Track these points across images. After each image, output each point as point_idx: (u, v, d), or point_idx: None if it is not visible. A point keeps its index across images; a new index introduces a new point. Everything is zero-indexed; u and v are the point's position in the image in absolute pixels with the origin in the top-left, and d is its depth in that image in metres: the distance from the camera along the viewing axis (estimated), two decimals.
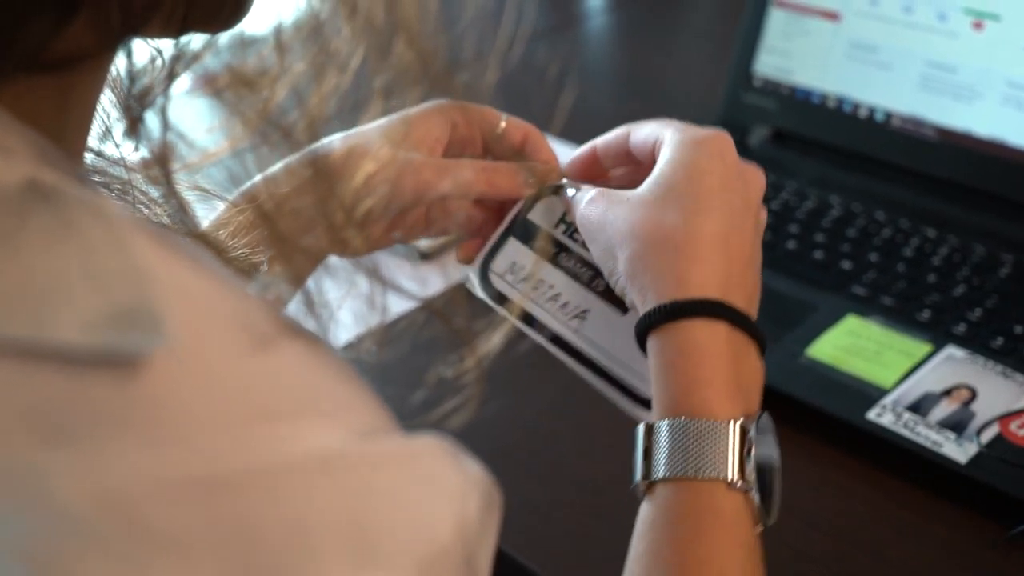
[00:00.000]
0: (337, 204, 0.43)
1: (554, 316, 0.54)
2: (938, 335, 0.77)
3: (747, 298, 0.49)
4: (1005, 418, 0.69)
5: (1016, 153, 0.89)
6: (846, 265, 0.85)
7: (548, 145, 0.59)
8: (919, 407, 0.71)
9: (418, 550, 0.31)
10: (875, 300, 0.81)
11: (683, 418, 0.46)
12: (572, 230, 0.56)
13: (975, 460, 0.67)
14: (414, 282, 0.79)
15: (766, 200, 0.91)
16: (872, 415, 0.70)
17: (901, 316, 0.79)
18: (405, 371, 0.61)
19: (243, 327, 0.32)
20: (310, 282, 0.42)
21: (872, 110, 0.97)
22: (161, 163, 0.40)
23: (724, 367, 0.47)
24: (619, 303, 0.53)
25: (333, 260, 0.56)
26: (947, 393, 0.72)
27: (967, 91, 0.91)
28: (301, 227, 0.46)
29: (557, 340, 0.53)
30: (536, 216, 0.57)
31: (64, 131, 0.37)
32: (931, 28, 0.93)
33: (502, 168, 0.57)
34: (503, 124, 0.59)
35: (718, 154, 0.51)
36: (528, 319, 0.54)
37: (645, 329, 0.48)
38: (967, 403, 0.71)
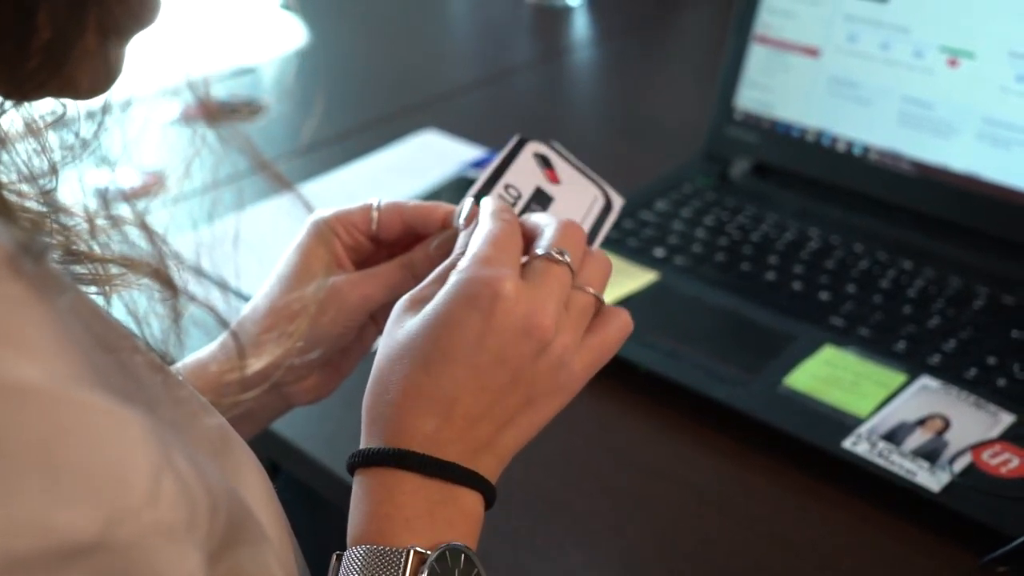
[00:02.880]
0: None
1: None
2: (913, 365, 0.78)
3: (471, 450, 0.50)
4: (978, 447, 0.70)
5: (990, 187, 0.91)
6: (824, 296, 0.87)
7: (425, 205, 0.62)
8: (894, 436, 0.72)
9: (108, 502, 0.32)
10: (852, 331, 0.82)
11: (361, 547, 0.48)
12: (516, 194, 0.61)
13: (948, 489, 0.68)
14: None
15: (748, 231, 0.94)
16: (848, 444, 0.72)
17: (877, 347, 0.81)
18: None
19: None
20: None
21: (851, 144, 0.99)
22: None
23: (406, 508, 0.48)
24: (544, 199, 0.61)
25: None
26: (921, 423, 0.73)
27: (944, 127, 0.93)
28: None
29: None
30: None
31: None
32: (908, 65, 0.95)
33: (415, 256, 0.60)
34: (375, 214, 0.62)
35: (481, 307, 0.50)
36: None
37: (351, 467, 0.51)
38: (941, 432, 0.72)
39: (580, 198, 0.62)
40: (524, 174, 0.61)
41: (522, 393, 0.51)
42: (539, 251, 0.52)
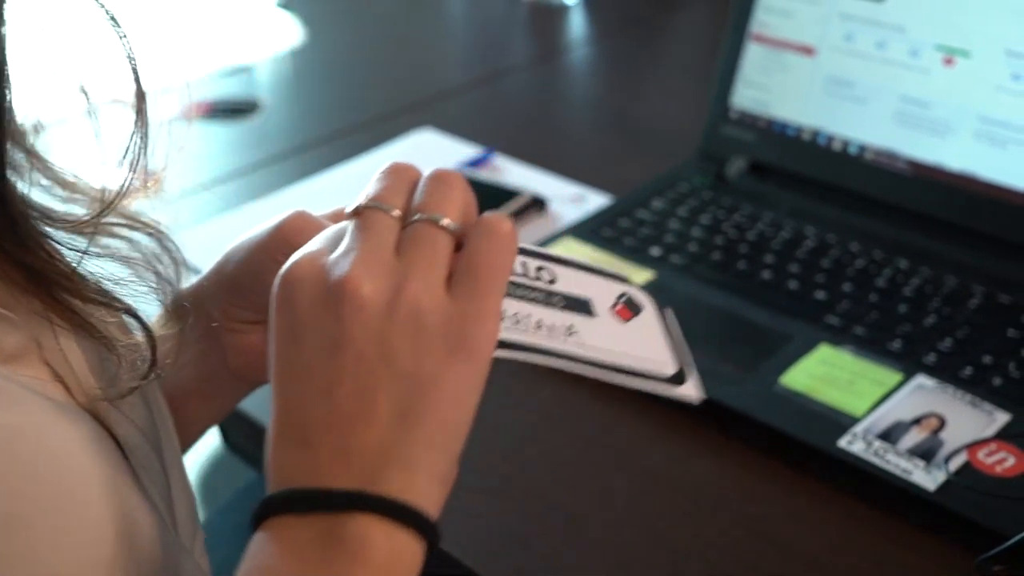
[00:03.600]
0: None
1: (552, 340, 0.48)
2: (909, 364, 0.78)
3: (360, 469, 0.41)
4: (973, 446, 0.70)
5: (987, 187, 0.91)
6: (820, 295, 0.87)
7: None
8: (889, 435, 0.72)
9: None
10: (848, 330, 0.82)
11: None
12: None
13: (943, 487, 0.68)
14: None
15: (744, 230, 0.94)
16: (843, 443, 0.72)
17: (873, 346, 0.81)
18: None
19: None
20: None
21: (847, 143, 0.99)
22: None
23: (260, 556, 0.41)
24: (585, 310, 0.50)
25: None
26: (917, 422, 0.73)
27: (940, 126, 0.93)
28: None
29: (569, 358, 0.48)
30: None
31: None
32: (904, 64, 0.95)
33: None
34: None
35: (283, 305, 0.43)
36: (534, 351, 0.48)
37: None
38: (936, 431, 0.72)
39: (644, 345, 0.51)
40: (587, 284, 0.51)
41: (387, 374, 0.41)
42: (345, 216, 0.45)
